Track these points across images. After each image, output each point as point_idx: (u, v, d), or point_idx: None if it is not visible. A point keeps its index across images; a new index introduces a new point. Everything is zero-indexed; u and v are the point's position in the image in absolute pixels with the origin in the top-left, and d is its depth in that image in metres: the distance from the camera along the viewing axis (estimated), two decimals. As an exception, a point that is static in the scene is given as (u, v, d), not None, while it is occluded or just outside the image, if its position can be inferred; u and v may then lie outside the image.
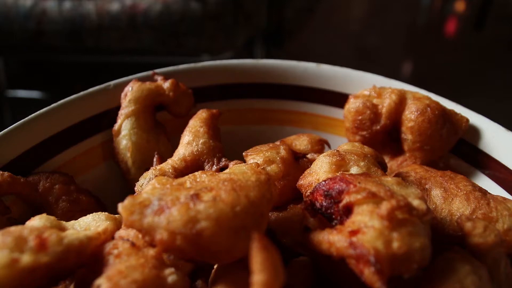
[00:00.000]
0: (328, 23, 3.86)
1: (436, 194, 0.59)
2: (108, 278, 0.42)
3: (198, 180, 0.49)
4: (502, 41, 3.64)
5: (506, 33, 3.76)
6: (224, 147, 0.70)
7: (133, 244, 0.48)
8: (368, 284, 0.42)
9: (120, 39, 1.82)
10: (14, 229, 0.45)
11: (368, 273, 0.41)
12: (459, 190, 0.58)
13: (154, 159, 0.69)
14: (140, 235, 0.51)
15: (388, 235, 0.43)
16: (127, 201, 0.45)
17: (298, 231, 0.54)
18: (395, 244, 0.42)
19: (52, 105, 0.71)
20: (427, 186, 0.60)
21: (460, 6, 4.59)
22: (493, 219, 0.55)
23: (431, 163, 0.69)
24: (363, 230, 0.43)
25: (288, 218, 0.58)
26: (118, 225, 0.56)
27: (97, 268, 0.47)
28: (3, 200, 0.63)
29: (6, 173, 0.62)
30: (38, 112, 0.70)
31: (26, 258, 0.41)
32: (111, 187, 0.76)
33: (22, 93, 2.52)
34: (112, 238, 0.53)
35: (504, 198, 0.58)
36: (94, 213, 0.57)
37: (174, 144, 0.73)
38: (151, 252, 0.47)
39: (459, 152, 0.70)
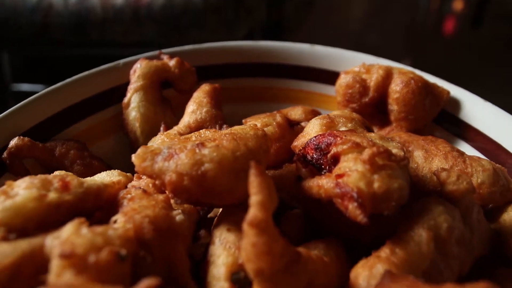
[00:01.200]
0: (328, 22, 3.92)
1: (418, 154, 0.65)
2: (124, 213, 0.48)
3: (202, 135, 0.55)
4: (500, 40, 3.70)
5: (504, 31, 3.82)
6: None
7: (144, 191, 0.54)
8: (352, 218, 0.48)
9: (124, 32, 1.88)
10: (40, 175, 0.51)
11: (351, 208, 0.47)
12: (439, 151, 0.64)
13: (161, 128, 0.74)
14: (150, 184, 0.57)
15: (369, 177, 0.49)
16: (140, 150, 0.51)
17: (292, 185, 0.60)
18: (376, 184, 0.48)
19: (67, 80, 0.77)
20: (410, 148, 0.66)
21: (458, 5, 4.65)
22: (469, 174, 0.61)
23: (416, 132, 0.75)
24: (348, 173, 0.49)
25: (283, 175, 0.64)
26: (129, 181, 0.61)
27: (113, 213, 0.53)
28: (23, 162, 0.69)
29: (26, 138, 0.68)
30: (54, 86, 0.76)
31: (52, 195, 0.47)
32: (120, 158, 0.81)
33: (26, 87, 2.58)
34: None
35: (479, 158, 0.63)
36: (107, 171, 0.63)
37: (179, 119, 0.79)
38: (161, 197, 0.53)
39: (441, 122, 0.76)
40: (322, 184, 0.51)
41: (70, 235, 0.40)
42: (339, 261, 0.50)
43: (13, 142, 0.67)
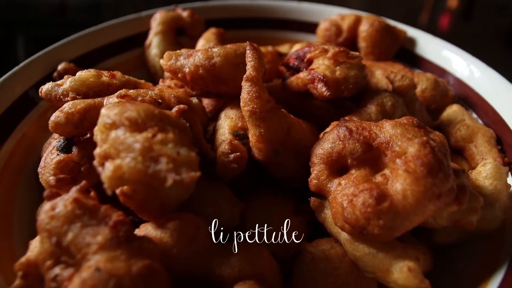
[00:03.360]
0: (322, 17, 4.10)
1: (378, 72, 0.83)
2: (157, 89, 0.66)
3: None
4: (490, 31, 3.89)
5: (494, 23, 4.00)
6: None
7: (168, 86, 0.72)
8: (320, 96, 0.66)
9: (135, 12, 2.06)
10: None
11: (320, 86, 0.66)
12: (394, 69, 0.83)
13: (177, 60, 0.93)
14: (173, 84, 0.75)
15: (333, 68, 0.67)
16: (166, 53, 0.70)
17: (279, 91, 0.79)
18: (337, 73, 0.67)
19: (100, 25, 0.96)
20: (373, 69, 0.85)
21: (453, 2, 4.86)
22: (416, 82, 0.79)
23: (381, 64, 0.93)
24: (317, 67, 0.68)
25: (273, 85, 0.82)
26: (154, 89, 0.80)
27: (144, 103, 0.71)
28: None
29: (71, 64, 0.87)
30: (91, 29, 0.94)
31: (104, 78, 0.66)
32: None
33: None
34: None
35: (426, 73, 0.82)
36: (138, 82, 0.81)
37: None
38: (181, 89, 0.71)
39: (401, 57, 0.95)
40: (299, 76, 0.69)
41: (123, 91, 0.59)
42: (312, 129, 0.68)
43: (61, 66, 0.85)
